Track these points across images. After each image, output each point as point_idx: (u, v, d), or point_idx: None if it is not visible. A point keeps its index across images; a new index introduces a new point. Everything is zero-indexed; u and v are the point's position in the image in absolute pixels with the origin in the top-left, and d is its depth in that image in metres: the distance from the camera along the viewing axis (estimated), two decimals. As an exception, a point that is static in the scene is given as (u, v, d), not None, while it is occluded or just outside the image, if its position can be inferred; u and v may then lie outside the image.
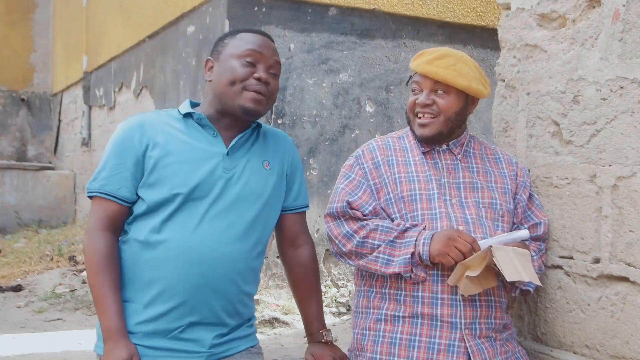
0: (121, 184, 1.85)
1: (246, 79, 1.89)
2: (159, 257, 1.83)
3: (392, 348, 1.97)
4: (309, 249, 2.13)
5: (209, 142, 1.92)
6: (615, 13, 2.01)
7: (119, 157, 1.86)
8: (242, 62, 1.89)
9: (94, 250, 1.83)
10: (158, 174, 1.85)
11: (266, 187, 1.96)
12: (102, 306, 1.79)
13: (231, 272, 1.87)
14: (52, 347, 3.96)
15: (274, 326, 4.42)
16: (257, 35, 1.96)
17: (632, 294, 1.96)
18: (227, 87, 1.89)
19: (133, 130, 1.88)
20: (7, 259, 7.08)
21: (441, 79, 1.99)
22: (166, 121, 1.93)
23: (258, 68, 1.90)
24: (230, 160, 1.92)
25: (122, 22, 7.89)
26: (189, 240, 1.82)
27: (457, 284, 1.88)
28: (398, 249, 1.95)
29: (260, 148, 2.00)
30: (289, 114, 5.21)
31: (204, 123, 1.93)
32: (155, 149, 1.86)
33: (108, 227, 1.86)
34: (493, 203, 2.06)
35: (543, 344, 2.27)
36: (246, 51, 1.90)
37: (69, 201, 10.07)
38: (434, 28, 5.74)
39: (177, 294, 1.83)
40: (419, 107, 2.04)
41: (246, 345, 1.97)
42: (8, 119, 11.77)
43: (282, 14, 5.21)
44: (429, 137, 2.05)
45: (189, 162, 1.87)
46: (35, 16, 11.95)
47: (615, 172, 2.00)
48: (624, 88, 1.98)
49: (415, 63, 2.06)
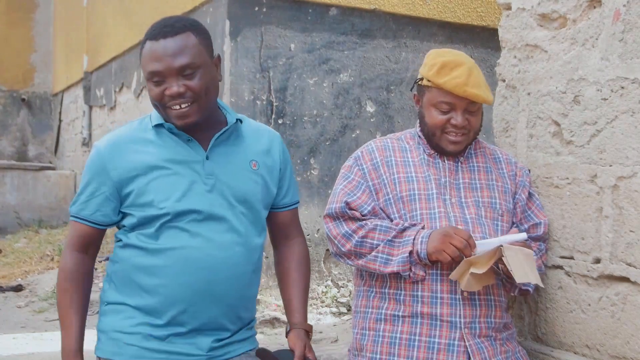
0: (97, 208, 1.86)
1: (161, 99, 1.79)
2: (158, 265, 1.82)
3: (392, 348, 1.97)
4: (302, 241, 2.11)
5: (185, 150, 1.86)
6: (615, 13, 2.01)
7: (95, 182, 1.85)
8: (152, 84, 1.79)
9: (62, 269, 1.88)
10: (141, 193, 1.83)
11: (256, 187, 1.92)
12: (63, 325, 1.85)
13: (231, 276, 1.86)
14: (52, 347, 3.96)
15: (274, 326, 4.42)
16: (156, 42, 1.78)
17: (633, 294, 1.95)
18: (157, 109, 1.85)
19: (109, 152, 1.85)
20: (8, 259, 7.08)
21: (482, 100, 1.99)
22: (141, 136, 1.88)
23: (167, 83, 1.77)
24: (211, 164, 1.87)
25: (122, 22, 7.89)
26: (187, 247, 1.82)
27: (459, 280, 1.88)
28: (397, 248, 1.96)
29: (244, 146, 1.94)
30: (290, 114, 5.21)
31: (175, 132, 1.86)
32: (134, 168, 1.83)
33: (80, 248, 1.89)
34: (492, 202, 2.06)
35: (543, 344, 2.27)
36: (149, 74, 1.78)
37: (70, 201, 10.02)
38: (435, 28, 5.74)
39: (178, 301, 1.82)
40: (453, 127, 2.01)
41: (245, 348, 1.96)
42: (9, 119, 11.77)
43: (283, 14, 5.20)
44: (458, 152, 2.06)
45: (170, 175, 1.83)
46: (35, 16, 11.95)
47: (615, 172, 2.00)
48: (624, 88, 1.98)
49: (449, 83, 1.95)
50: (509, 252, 1.84)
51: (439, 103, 2.01)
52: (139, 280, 1.84)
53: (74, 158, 10.46)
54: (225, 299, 1.86)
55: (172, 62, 1.76)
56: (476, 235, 1.96)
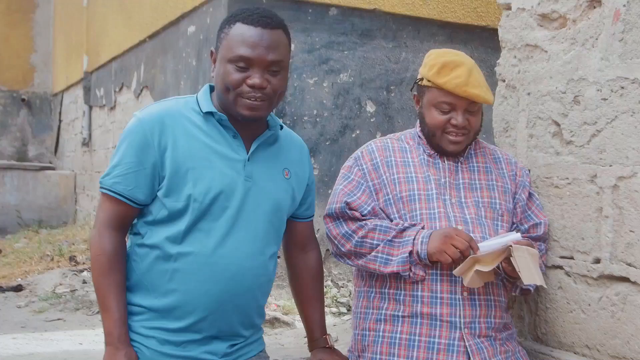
0: (135, 184, 1.75)
1: (239, 86, 1.74)
2: (180, 269, 1.76)
3: (392, 348, 1.97)
4: (318, 253, 2.12)
5: (229, 146, 1.81)
6: (615, 13, 2.00)
7: (135, 155, 1.74)
8: (234, 67, 1.74)
9: (101, 250, 1.76)
10: (178, 180, 1.75)
11: (286, 197, 1.90)
12: (106, 310, 1.75)
13: (254, 286, 1.84)
14: (52, 347, 3.96)
15: (274, 326, 4.42)
16: (253, 28, 1.74)
17: (633, 294, 1.95)
18: (224, 93, 1.78)
19: (153, 127, 1.75)
20: (8, 259, 7.08)
21: (483, 100, 1.99)
22: (187, 116, 1.80)
23: (252, 72, 1.74)
24: (252, 166, 1.82)
25: (122, 22, 7.89)
26: (214, 254, 1.76)
27: (463, 276, 1.88)
28: (396, 248, 1.96)
29: (280, 154, 1.92)
30: (290, 114, 5.21)
31: (225, 124, 1.81)
32: (176, 151, 1.75)
33: (117, 227, 1.78)
34: (492, 203, 2.06)
35: (543, 344, 2.27)
36: (236, 56, 1.73)
37: (70, 201, 10.07)
38: (435, 28, 5.73)
39: (198, 309, 1.77)
40: (454, 127, 2.01)
41: (256, 350, 1.96)
42: (9, 119, 11.78)
43: (283, 14, 5.14)
44: (459, 152, 2.06)
45: (210, 169, 1.76)
46: (35, 16, 11.95)
47: (615, 172, 2.00)
48: (624, 88, 1.98)
49: (450, 83, 1.95)
50: (518, 252, 1.83)
51: (439, 103, 2.01)
52: (157, 283, 1.78)
53: (74, 158, 10.46)
54: (244, 308, 1.84)
55: (265, 53, 1.73)
56: (476, 236, 1.97)
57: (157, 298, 1.79)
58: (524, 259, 1.83)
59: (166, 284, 1.78)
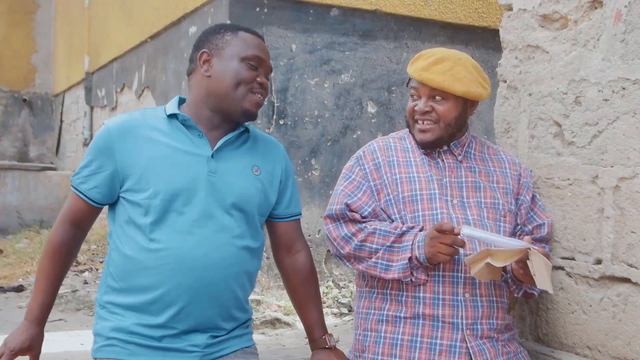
0: (95, 184, 1.88)
1: (251, 82, 1.90)
2: (153, 265, 1.83)
3: (394, 349, 1.97)
4: (306, 254, 2.11)
5: (193, 144, 1.89)
6: (617, 14, 2.01)
7: (98, 159, 1.88)
8: (247, 65, 1.90)
9: (52, 238, 1.92)
10: (141, 180, 1.85)
11: (255, 192, 1.95)
12: (37, 292, 1.91)
13: (228, 277, 1.87)
14: (53, 348, 3.96)
15: (275, 327, 4.42)
16: (257, 38, 1.96)
17: (634, 295, 1.95)
18: (231, 89, 1.88)
19: (117, 134, 1.88)
20: (9, 259, 7.08)
21: (437, 86, 1.97)
22: (151, 124, 1.91)
23: (260, 72, 1.93)
24: (216, 162, 1.90)
25: (123, 22, 7.90)
26: (182, 247, 1.82)
27: (472, 265, 1.85)
28: (396, 253, 1.95)
29: (249, 152, 1.99)
30: (291, 114, 5.21)
31: (189, 124, 1.91)
32: (139, 154, 1.85)
33: (72, 222, 1.92)
34: (495, 203, 2.05)
35: (544, 344, 2.27)
36: (251, 55, 1.90)
37: (71, 201, 10.05)
38: (436, 29, 5.74)
39: (174, 301, 1.83)
40: (417, 114, 2.03)
41: (241, 345, 1.97)
42: (10, 120, 11.78)
43: (284, 15, 5.21)
44: (429, 142, 2.04)
45: (172, 167, 1.85)
46: (37, 17, 11.96)
47: (617, 173, 2.00)
48: (625, 89, 1.98)
49: (412, 68, 2.03)
50: (535, 256, 1.82)
51: (410, 90, 2.06)
52: (134, 280, 1.85)
53: (75, 158, 10.46)
54: (220, 300, 1.88)
55: (268, 58, 1.98)
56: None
57: (135, 294, 1.85)
58: (539, 264, 1.82)
59: (143, 279, 1.84)
